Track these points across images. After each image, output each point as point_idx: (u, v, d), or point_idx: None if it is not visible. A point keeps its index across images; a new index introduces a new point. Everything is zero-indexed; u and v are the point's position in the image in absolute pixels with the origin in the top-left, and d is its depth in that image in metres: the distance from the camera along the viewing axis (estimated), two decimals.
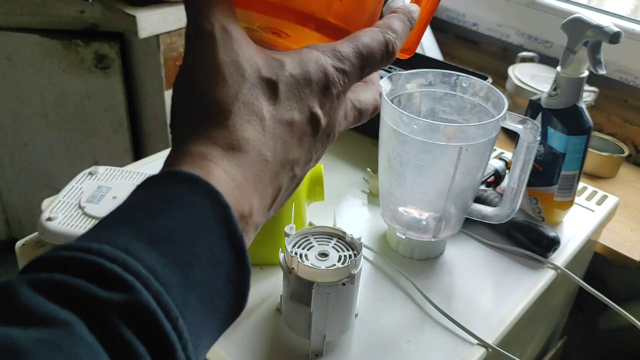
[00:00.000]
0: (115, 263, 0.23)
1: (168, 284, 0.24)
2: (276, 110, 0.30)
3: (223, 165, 0.28)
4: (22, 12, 1.32)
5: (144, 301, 0.22)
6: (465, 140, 0.62)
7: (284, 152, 0.31)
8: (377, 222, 0.78)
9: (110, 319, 0.22)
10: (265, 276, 0.68)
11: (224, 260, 0.26)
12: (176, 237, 0.25)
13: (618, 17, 1.19)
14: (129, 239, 0.24)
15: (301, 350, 0.59)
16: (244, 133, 0.29)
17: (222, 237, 0.27)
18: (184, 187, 0.27)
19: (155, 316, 0.23)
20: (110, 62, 1.36)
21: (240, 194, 0.28)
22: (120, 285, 0.22)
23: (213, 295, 0.26)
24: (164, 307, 0.23)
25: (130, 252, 0.24)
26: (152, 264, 0.24)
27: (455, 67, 0.96)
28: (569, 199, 0.79)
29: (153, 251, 0.24)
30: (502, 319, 0.64)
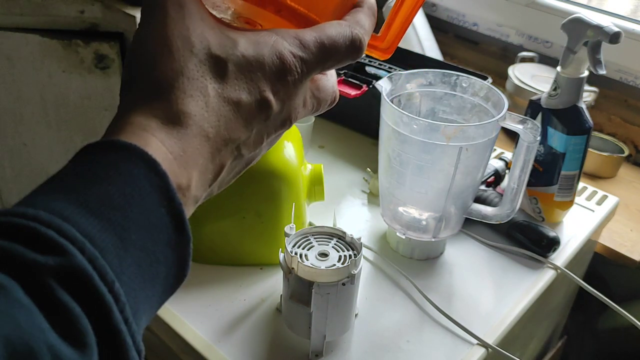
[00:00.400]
0: (51, 228, 0.23)
1: (104, 248, 0.24)
2: (222, 88, 0.30)
3: (161, 137, 0.28)
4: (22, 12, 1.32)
5: (79, 265, 0.23)
6: (465, 140, 0.62)
7: (227, 130, 0.30)
8: (377, 222, 0.78)
9: (46, 281, 0.22)
10: (265, 276, 0.68)
11: (161, 226, 0.27)
12: (112, 202, 0.25)
13: (618, 17, 1.19)
14: (65, 205, 0.24)
15: (301, 350, 0.59)
16: (185, 107, 0.29)
17: (159, 204, 0.27)
18: (121, 155, 0.27)
19: (91, 279, 0.23)
20: (110, 62, 1.36)
21: (177, 165, 0.28)
22: (55, 249, 0.23)
23: (151, 260, 0.26)
24: (100, 271, 0.23)
25: (66, 217, 0.24)
26: (88, 229, 0.24)
27: (455, 67, 0.96)
28: (569, 199, 0.79)
29: (89, 216, 0.24)
30: (502, 319, 0.64)
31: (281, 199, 0.66)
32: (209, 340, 0.60)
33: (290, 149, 0.67)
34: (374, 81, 0.88)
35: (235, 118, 0.31)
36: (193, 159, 0.29)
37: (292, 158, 0.67)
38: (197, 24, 0.30)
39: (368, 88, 0.89)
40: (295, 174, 0.67)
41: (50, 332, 0.22)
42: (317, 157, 0.92)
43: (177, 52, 0.30)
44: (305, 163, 0.72)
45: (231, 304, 0.64)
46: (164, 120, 0.29)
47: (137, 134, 0.28)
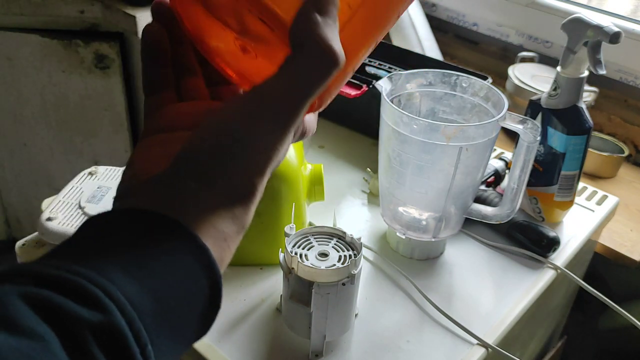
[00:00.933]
0: (98, 287, 0.25)
1: (142, 311, 0.26)
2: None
3: (233, 248, 0.32)
4: (22, 12, 1.32)
5: (118, 324, 0.24)
6: (465, 140, 0.62)
7: None
8: (377, 222, 0.78)
9: (83, 335, 0.24)
10: (265, 276, 0.68)
11: (201, 297, 0.29)
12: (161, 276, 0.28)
13: (618, 17, 1.19)
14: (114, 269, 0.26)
15: (301, 350, 0.59)
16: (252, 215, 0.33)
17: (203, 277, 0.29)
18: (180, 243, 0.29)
19: (126, 339, 0.25)
20: (110, 62, 1.36)
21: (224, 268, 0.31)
22: (98, 307, 0.24)
23: (184, 326, 0.29)
24: (136, 333, 0.25)
25: (112, 280, 0.26)
26: (130, 294, 0.26)
27: (455, 67, 0.96)
28: (569, 199, 0.79)
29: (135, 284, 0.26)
30: (502, 319, 0.64)
31: (281, 199, 0.66)
32: (209, 340, 0.60)
33: (290, 149, 0.67)
34: (374, 81, 0.88)
35: None
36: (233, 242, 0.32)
37: (292, 158, 0.67)
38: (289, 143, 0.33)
39: (368, 88, 0.89)
40: (295, 174, 0.67)
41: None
42: (317, 157, 0.92)
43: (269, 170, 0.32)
44: (305, 163, 0.72)
45: (231, 304, 0.64)
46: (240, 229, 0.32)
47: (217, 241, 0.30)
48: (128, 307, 0.25)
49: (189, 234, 0.29)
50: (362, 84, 0.90)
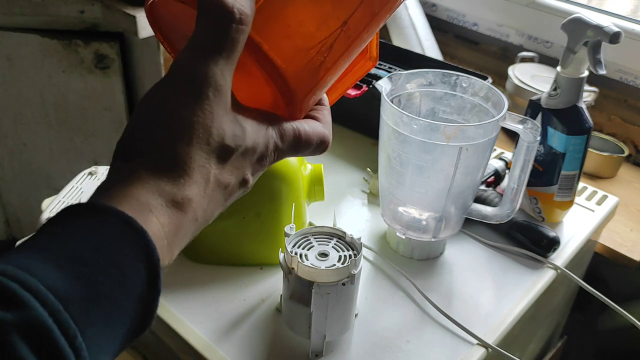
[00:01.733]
0: (15, 281, 0.24)
1: (69, 301, 0.24)
2: (220, 174, 0.33)
3: (163, 220, 0.30)
4: (22, 12, 1.32)
5: (39, 318, 0.23)
6: (465, 140, 0.62)
7: (211, 212, 0.33)
8: (377, 222, 0.78)
9: (7, 336, 0.23)
10: (265, 276, 0.68)
11: (136, 280, 0.28)
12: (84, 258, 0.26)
13: (618, 17, 1.19)
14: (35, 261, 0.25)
15: (301, 350, 0.59)
16: (189, 193, 0.31)
17: (137, 258, 0.28)
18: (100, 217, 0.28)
19: (50, 333, 0.23)
20: (110, 62, 1.36)
21: (167, 250, 0.30)
22: (17, 303, 0.23)
23: (120, 313, 0.27)
24: (61, 324, 0.24)
25: (32, 272, 0.24)
26: (53, 282, 0.24)
27: (455, 67, 0.96)
28: (569, 199, 0.79)
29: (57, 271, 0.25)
30: (502, 319, 0.64)
31: (281, 199, 0.66)
32: (209, 340, 0.60)
33: None
34: (374, 81, 0.88)
35: (221, 200, 0.34)
36: (180, 242, 0.31)
37: (292, 158, 0.67)
38: (221, 114, 0.32)
39: (368, 88, 0.89)
40: (295, 174, 0.67)
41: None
42: (317, 157, 0.92)
43: (196, 139, 0.31)
44: (305, 163, 0.72)
45: (231, 304, 0.64)
46: (169, 202, 0.30)
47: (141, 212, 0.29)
48: (50, 298, 0.24)
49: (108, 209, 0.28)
50: (362, 84, 0.90)
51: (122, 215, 0.28)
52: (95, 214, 0.28)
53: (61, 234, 0.27)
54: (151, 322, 0.30)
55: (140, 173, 0.30)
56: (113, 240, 0.27)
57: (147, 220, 0.29)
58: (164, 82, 0.32)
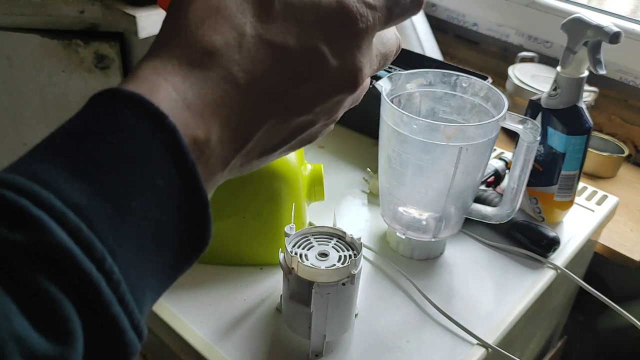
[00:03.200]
0: (25, 196, 0.19)
1: (93, 218, 0.20)
2: (265, 28, 0.25)
3: (174, 80, 0.24)
4: (22, 12, 1.32)
5: (56, 240, 0.19)
6: (465, 140, 0.62)
7: (267, 80, 0.25)
8: (377, 222, 0.78)
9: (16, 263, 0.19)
10: (265, 276, 0.68)
11: (169, 189, 0.22)
12: (107, 163, 0.21)
13: (618, 17, 1.19)
14: (49, 168, 0.21)
15: (301, 350, 0.59)
16: (210, 45, 0.24)
17: (167, 163, 0.22)
18: (122, 107, 0.22)
19: (72, 256, 0.20)
20: (110, 62, 1.36)
21: (191, 114, 0.24)
22: (27, 223, 0.19)
23: (157, 228, 0.22)
24: (85, 245, 0.20)
25: (47, 182, 0.20)
26: (72, 195, 0.20)
27: (455, 67, 0.96)
28: (569, 199, 0.79)
29: (75, 181, 0.21)
30: (502, 319, 0.64)
31: (281, 199, 0.66)
32: (209, 340, 0.60)
33: None
34: (374, 81, 0.88)
35: (278, 67, 0.25)
36: (213, 107, 0.24)
37: (292, 158, 0.67)
38: None
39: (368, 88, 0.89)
40: (295, 174, 0.67)
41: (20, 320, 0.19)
42: (317, 157, 0.92)
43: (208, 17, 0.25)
44: (305, 163, 0.72)
45: (231, 304, 0.64)
46: (182, 60, 0.24)
47: (147, 78, 0.24)
48: (70, 216, 0.20)
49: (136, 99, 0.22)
50: None
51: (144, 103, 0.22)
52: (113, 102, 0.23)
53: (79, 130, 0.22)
54: (207, 239, 0.25)
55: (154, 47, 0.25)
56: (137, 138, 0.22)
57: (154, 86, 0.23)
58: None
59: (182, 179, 0.23)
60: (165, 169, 0.22)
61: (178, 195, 0.23)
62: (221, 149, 0.25)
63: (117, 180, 0.21)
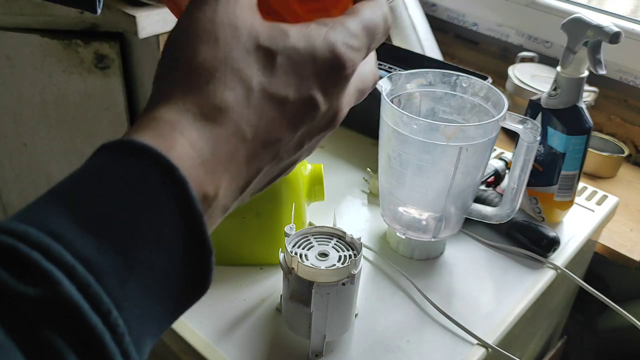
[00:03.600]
0: (37, 249, 0.20)
1: (101, 272, 0.21)
2: (269, 83, 0.27)
3: (191, 136, 0.25)
4: (22, 12, 1.32)
5: (66, 294, 0.20)
6: (465, 140, 0.62)
7: (268, 131, 0.27)
8: (377, 222, 0.78)
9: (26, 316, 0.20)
10: (265, 276, 0.68)
11: (176, 240, 0.23)
12: (116, 216, 0.22)
13: (618, 17, 1.19)
14: (59, 220, 0.21)
15: (301, 350, 0.59)
16: (223, 101, 0.26)
17: (175, 215, 0.23)
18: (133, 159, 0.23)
19: (79, 311, 0.20)
20: (110, 62, 1.36)
21: (205, 171, 0.25)
22: (38, 277, 0.20)
23: (162, 279, 0.23)
24: (93, 300, 0.21)
25: (58, 235, 0.21)
26: (83, 250, 0.21)
27: (455, 67, 0.96)
28: (569, 199, 0.79)
29: (86, 234, 0.21)
30: (502, 319, 0.64)
31: (281, 199, 0.66)
32: (209, 340, 0.60)
33: None
34: None
35: (279, 118, 0.27)
36: (224, 163, 0.26)
37: None
38: (246, 13, 0.27)
39: None
40: (295, 174, 0.67)
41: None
42: (317, 157, 0.92)
43: (223, 39, 0.26)
44: (305, 163, 0.72)
45: (231, 304, 0.64)
46: (198, 115, 0.25)
47: (163, 132, 0.24)
48: (78, 270, 0.20)
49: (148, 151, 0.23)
50: None
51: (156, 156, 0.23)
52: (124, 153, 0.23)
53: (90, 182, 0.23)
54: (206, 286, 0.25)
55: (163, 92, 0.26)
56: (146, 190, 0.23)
57: (172, 142, 0.24)
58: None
59: (189, 231, 0.24)
60: (173, 221, 0.23)
61: (184, 246, 0.24)
62: (225, 200, 0.27)
63: (126, 233, 0.22)
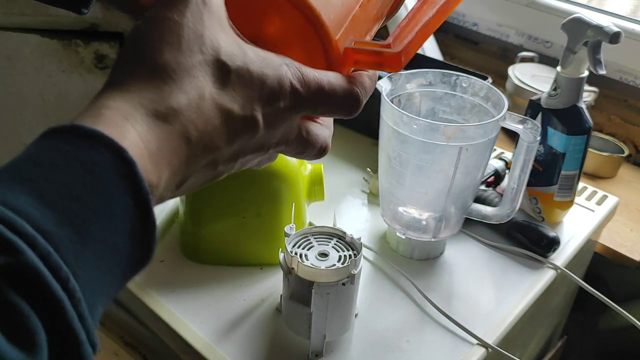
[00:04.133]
0: (2, 223, 0.22)
1: (58, 243, 0.23)
2: (219, 94, 0.29)
3: (141, 130, 0.27)
4: (22, 12, 1.32)
5: (30, 263, 0.22)
6: (465, 140, 0.62)
7: (210, 137, 0.29)
8: (377, 222, 0.78)
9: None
10: (265, 276, 0.68)
11: (125, 216, 0.26)
12: (70, 192, 0.24)
13: (618, 17, 1.19)
14: (19, 196, 0.23)
15: (301, 350, 0.59)
16: (176, 103, 0.28)
17: (125, 193, 0.26)
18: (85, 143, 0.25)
19: (42, 277, 0.22)
20: (110, 62, 1.36)
21: (150, 162, 0.27)
22: (5, 247, 0.22)
23: (112, 250, 0.25)
24: (53, 267, 0.23)
25: (19, 210, 0.23)
26: (42, 223, 0.23)
27: (455, 67, 0.96)
28: (569, 199, 0.79)
29: (44, 209, 0.23)
30: (502, 319, 0.64)
31: (281, 199, 0.66)
32: (209, 340, 0.60)
33: None
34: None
35: (221, 128, 0.30)
36: (168, 158, 0.28)
37: (292, 158, 0.67)
38: (213, 25, 0.30)
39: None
40: (295, 174, 0.67)
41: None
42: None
43: (186, 44, 0.29)
44: (305, 163, 0.72)
45: (231, 304, 0.64)
46: (150, 112, 0.28)
47: (116, 122, 0.27)
48: (40, 241, 0.23)
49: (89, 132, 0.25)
50: None
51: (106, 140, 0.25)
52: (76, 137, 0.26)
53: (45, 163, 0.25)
54: (150, 257, 0.28)
55: (120, 82, 0.28)
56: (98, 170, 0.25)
57: (123, 131, 0.26)
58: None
59: (137, 208, 0.26)
60: (122, 198, 0.26)
61: (131, 222, 0.26)
62: (163, 191, 0.29)
63: (80, 208, 0.24)
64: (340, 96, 0.33)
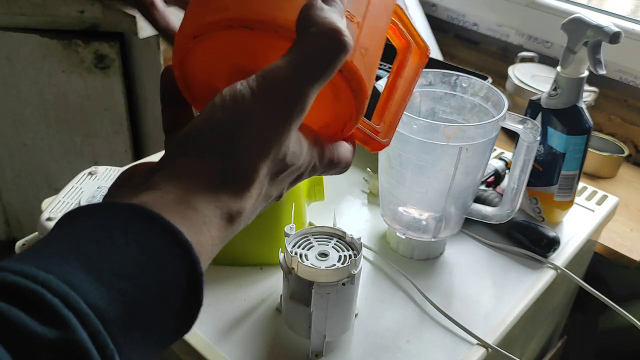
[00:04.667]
0: (57, 296, 0.23)
1: (109, 321, 0.24)
2: (268, 188, 0.33)
3: (214, 233, 0.29)
4: (22, 12, 1.32)
5: (79, 340, 0.23)
6: (465, 140, 0.62)
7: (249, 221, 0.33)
8: (377, 222, 0.78)
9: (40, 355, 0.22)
10: (265, 276, 0.68)
11: (177, 296, 0.27)
12: (129, 273, 0.25)
13: (618, 17, 1.19)
14: (76, 272, 0.24)
15: (301, 350, 0.59)
16: (244, 207, 0.31)
17: (179, 275, 0.27)
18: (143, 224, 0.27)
19: (88, 355, 0.23)
20: (110, 62, 1.36)
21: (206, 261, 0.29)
22: (56, 321, 0.22)
23: (158, 330, 0.27)
24: (100, 346, 0.23)
25: (75, 285, 0.23)
26: (95, 300, 0.24)
27: (455, 67, 0.96)
28: (569, 199, 0.79)
29: (99, 286, 0.24)
30: (502, 319, 0.64)
31: (281, 199, 0.66)
32: (209, 340, 0.60)
33: None
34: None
35: (260, 210, 0.33)
36: (220, 247, 0.31)
37: None
38: (293, 134, 0.32)
39: None
40: None
41: None
42: None
43: (268, 156, 0.31)
44: None
45: (231, 304, 0.64)
46: (224, 215, 0.30)
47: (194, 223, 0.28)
48: (91, 319, 0.23)
49: (156, 218, 0.27)
50: None
51: (169, 227, 0.27)
52: (142, 221, 0.27)
53: (104, 241, 0.26)
54: (191, 328, 0.29)
55: (204, 177, 0.30)
56: (157, 254, 0.26)
57: (199, 232, 0.28)
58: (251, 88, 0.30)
59: (188, 288, 0.27)
60: (177, 279, 0.27)
61: (181, 303, 0.27)
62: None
63: (132, 288, 0.25)
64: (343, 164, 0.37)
